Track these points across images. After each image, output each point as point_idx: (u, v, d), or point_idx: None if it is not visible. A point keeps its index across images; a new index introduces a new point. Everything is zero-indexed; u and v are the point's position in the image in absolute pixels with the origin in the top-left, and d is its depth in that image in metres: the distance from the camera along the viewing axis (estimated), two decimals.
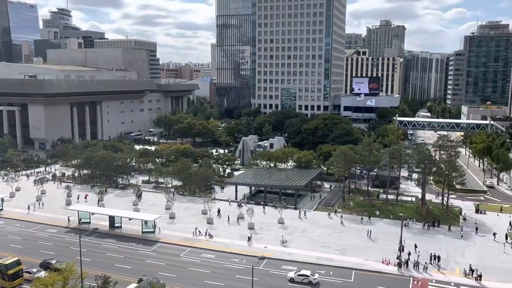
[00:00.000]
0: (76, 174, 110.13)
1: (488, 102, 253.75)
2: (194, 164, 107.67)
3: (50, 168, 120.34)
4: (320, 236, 69.80)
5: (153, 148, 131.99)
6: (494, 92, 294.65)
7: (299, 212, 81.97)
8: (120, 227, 73.88)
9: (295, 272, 54.28)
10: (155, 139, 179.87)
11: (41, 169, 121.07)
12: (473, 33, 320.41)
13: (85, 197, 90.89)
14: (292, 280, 53.49)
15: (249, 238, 67.34)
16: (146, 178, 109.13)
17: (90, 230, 71.33)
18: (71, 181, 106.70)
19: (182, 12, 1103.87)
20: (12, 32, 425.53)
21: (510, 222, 76.54)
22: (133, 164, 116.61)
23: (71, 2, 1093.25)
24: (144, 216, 74.41)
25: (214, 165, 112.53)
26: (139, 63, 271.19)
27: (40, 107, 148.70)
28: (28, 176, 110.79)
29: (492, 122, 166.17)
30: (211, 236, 69.32)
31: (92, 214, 76.61)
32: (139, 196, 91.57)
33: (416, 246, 63.52)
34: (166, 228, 73.48)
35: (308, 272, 53.74)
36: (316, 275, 53.72)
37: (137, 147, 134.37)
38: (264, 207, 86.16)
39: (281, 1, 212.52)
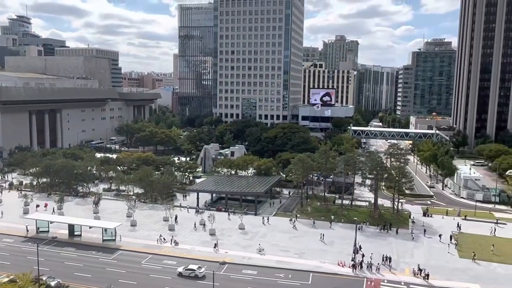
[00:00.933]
0: (35, 183, 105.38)
1: (433, 113, 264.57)
2: (156, 172, 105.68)
3: (7, 177, 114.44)
4: (279, 241, 69.90)
5: (114, 156, 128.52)
6: (439, 104, 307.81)
7: (263, 218, 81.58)
8: (80, 235, 71.07)
9: (184, 267, 56.28)
10: (117, 147, 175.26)
11: None
12: (420, 49, 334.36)
13: (45, 206, 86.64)
14: (180, 274, 55.55)
15: (215, 245, 66.29)
16: (107, 186, 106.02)
17: (48, 239, 68.45)
18: (29, 190, 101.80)
19: (145, 22, 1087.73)
20: None
21: (458, 224, 79.32)
22: (94, 172, 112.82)
23: (31, 10, 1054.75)
24: (104, 224, 71.97)
25: (176, 173, 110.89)
26: (100, 72, 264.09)
27: None
28: None
29: (437, 131, 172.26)
30: (176, 243, 67.82)
31: (51, 222, 73.20)
32: (96, 203, 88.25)
33: (360, 248, 64.17)
34: (127, 235, 71.34)
35: (195, 267, 56.02)
36: (203, 269, 55.65)
37: (98, 155, 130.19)
38: (229, 214, 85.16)
39: (242, 14, 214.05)
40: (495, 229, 77.17)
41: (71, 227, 71.67)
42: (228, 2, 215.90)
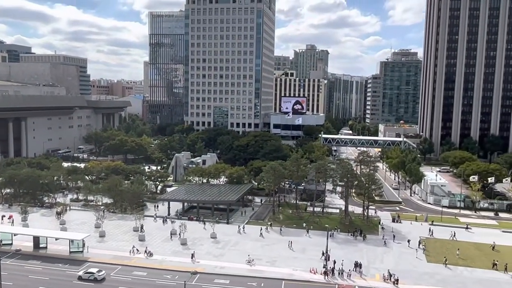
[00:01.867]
0: None
1: (401, 121, 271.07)
2: (126, 181, 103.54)
3: None
4: (251, 249, 69.30)
5: (82, 165, 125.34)
6: (406, 112, 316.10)
7: (238, 226, 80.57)
8: (46, 247, 68.38)
9: (84, 271, 57.38)
10: (85, 156, 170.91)
11: None
12: (387, 59, 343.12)
13: (9, 218, 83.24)
14: (80, 278, 56.26)
15: (192, 255, 64.94)
16: (75, 196, 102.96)
17: (12, 252, 65.60)
18: None
19: (115, 29, 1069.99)
20: None
21: (430, 229, 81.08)
22: (61, 182, 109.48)
23: None
24: (71, 235, 69.46)
25: (146, 182, 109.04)
26: (68, 79, 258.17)
27: None
28: None
29: (405, 139, 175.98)
30: (151, 254, 66.17)
31: (15, 235, 70.21)
32: (59, 214, 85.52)
33: (327, 255, 63.90)
34: (95, 247, 69.22)
35: (95, 270, 57.06)
36: (102, 272, 56.85)
37: (66, 164, 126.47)
38: (204, 223, 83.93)
39: (213, 22, 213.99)
40: (454, 233, 78.89)
41: (36, 239, 68.96)
42: (199, 10, 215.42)
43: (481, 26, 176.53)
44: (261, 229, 79.39)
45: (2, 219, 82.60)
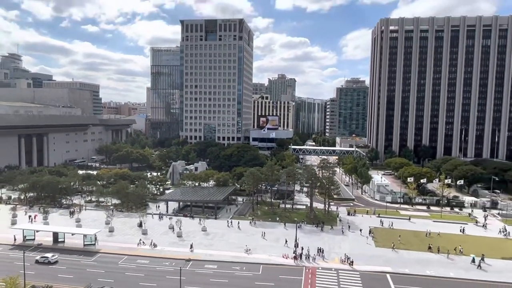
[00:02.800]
0: (22, 197, 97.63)
1: (353, 135, 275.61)
2: (131, 185, 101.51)
3: None
4: (235, 239, 68.97)
5: (95, 172, 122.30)
6: (357, 127, 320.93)
7: (227, 221, 79.35)
8: (63, 241, 66.42)
9: (40, 256, 57.20)
10: (97, 165, 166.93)
11: None
12: (342, 86, 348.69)
13: (34, 217, 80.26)
14: (37, 261, 56.08)
15: (191, 246, 63.56)
16: (89, 198, 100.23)
17: (34, 246, 63.31)
18: (17, 203, 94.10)
19: (123, 61, 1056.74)
20: None
21: (381, 220, 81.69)
22: (77, 186, 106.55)
23: (22, 49, 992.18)
24: (85, 231, 67.66)
25: (148, 186, 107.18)
26: (83, 102, 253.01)
27: None
28: None
29: (356, 149, 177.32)
30: (155, 246, 64.60)
31: (37, 231, 67.95)
32: (72, 213, 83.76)
33: (296, 240, 64.24)
34: (106, 240, 67.48)
35: (49, 255, 57.24)
36: (55, 256, 57.37)
37: (81, 172, 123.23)
38: (200, 219, 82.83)
39: (203, 56, 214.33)
40: (392, 223, 79.82)
41: (55, 235, 66.95)
42: (192, 46, 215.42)
43: (414, 61, 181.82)
44: (238, 223, 78.52)
45: (30, 218, 79.79)
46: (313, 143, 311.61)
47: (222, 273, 53.97)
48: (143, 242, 65.57)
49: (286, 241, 66.67)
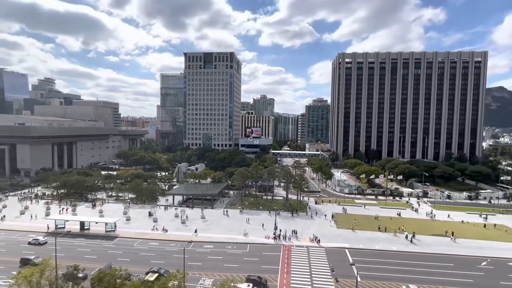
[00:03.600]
0: (55, 193, 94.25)
1: (319, 141, 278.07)
2: (144, 183, 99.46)
3: (34, 190, 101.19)
4: (228, 225, 68.40)
5: (115, 173, 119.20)
6: (321, 136, 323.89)
7: (223, 210, 78.02)
8: (89, 229, 64.41)
9: (32, 238, 56.03)
10: (117, 167, 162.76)
11: (25, 190, 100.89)
12: (310, 104, 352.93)
13: (66, 210, 77.62)
14: (29, 243, 55.02)
15: (196, 230, 62.39)
16: (110, 193, 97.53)
17: (64, 232, 61.13)
18: (50, 199, 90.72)
19: (138, 84, 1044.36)
20: (6, 92, 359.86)
21: (343, 208, 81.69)
22: (100, 184, 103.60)
23: (56, 74, 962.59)
24: (106, 219, 65.84)
25: (158, 183, 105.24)
26: (106, 116, 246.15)
27: (27, 146, 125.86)
28: (18, 196, 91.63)
29: (321, 152, 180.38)
30: (166, 231, 63.22)
31: (67, 221, 65.71)
32: (94, 205, 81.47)
33: (275, 224, 64.23)
34: (124, 227, 65.81)
35: (40, 238, 56.23)
36: (45, 239, 55.95)
37: (103, 172, 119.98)
38: (202, 210, 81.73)
39: (202, 80, 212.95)
40: (345, 210, 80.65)
41: (82, 224, 64.85)
42: (193, 73, 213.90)
43: (364, 85, 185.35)
44: (242, 212, 77.43)
45: (61, 210, 77.08)
46: (288, 148, 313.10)
47: (217, 252, 53.39)
48: (156, 228, 64.20)
49: (263, 225, 66.49)
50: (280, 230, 62.37)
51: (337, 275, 44.44)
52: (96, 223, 64.70)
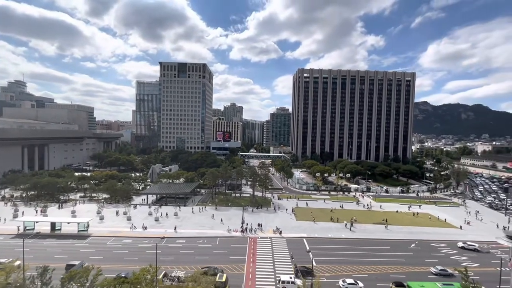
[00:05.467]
0: (24, 195, 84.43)
1: (281, 145, 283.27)
2: (119, 183, 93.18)
3: (1, 192, 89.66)
4: (199, 220, 66.53)
5: (89, 174, 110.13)
6: (284, 139, 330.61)
7: (199, 208, 75.11)
8: (60, 229, 58.53)
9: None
10: (91, 168, 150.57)
11: None
12: (274, 112, 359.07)
13: (41, 211, 69.75)
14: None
15: (175, 227, 59.53)
16: (83, 194, 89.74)
17: (33, 234, 55.00)
18: (19, 201, 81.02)
19: (114, 90, 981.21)
20: None
21: (306, 203, 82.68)
22: (73, 185, 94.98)
23: (28, 77, 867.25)
24: (79, 219, 60.27)
25: (133, 183, 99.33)
26: (80, 119, 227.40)
27: None
28: None
29: (283, 154, 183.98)
30: (145, 228, 59.48)
31: (36, 222, 59.06)
32: (61, 206, 74.28)
33: (242, 219, 64.46)
34: (97, 226, 60.85)
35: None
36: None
37: (77, 174, 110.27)
38: (178, 206, 78.65)
39: (176, 88, 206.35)
40: (307, 203, 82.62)
41: (52, 224, 58.74)
42: (168, 81, 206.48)
43: (319, 97, 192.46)
44: (216, 208, 75.86)
45: (37, 212, 69.14)
46: (255, 151, 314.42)
47: (189, 246, 51.72)
48: (135, 226, 60.22)
49: (221, 220, 65.80)
50: (247, 224, 62.22)
51: (296, 261, 45.44)
52: (68, 223, 59.05)
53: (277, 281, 36.93)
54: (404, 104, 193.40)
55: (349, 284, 37.88)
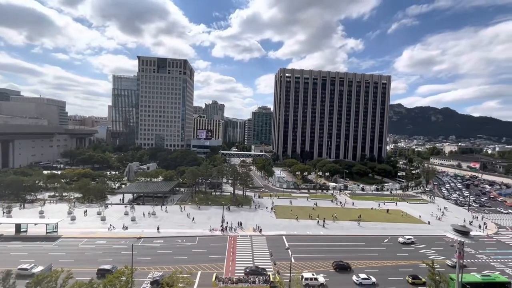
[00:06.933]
0: None
1: (263, 143, 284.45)
2: (93, 182, 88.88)
3: None
4: (178, 220, 65.22)
5: (59, 172, 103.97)
6: (265, 138, 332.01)
7: (180, 207, 73.32)
8: (26, 231, 54.77)
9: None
10: (62, 166, 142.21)
11: None
12: (256, 110, 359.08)
13: (1, 213, 64.59)
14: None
15: (158, 228, 57.42)
16: (53, 193, 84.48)
17: None
18: None
19: (89, 84, 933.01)
20: None
21: (290, 201, 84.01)
22: (41, 184, 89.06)
23: None
24: (47, 220, 56.61)
25: (108, 182, 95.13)
26: (50, 114, 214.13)
27: None
28: None
29: (264, 153, 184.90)
30: (126, 228, 56.93)
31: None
32: (22, 206, 69.85)
33: (222, 217, 64.32)
34: (68, 227, 57.60)
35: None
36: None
37: (46, 172, 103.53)
38: (154, 206, 76.06)
39: (155, 84, 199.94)
40: (290, 201, 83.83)
41: (17, 226, 54.76)
42: (147, 76, 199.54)
43: (300, 96, 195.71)
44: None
45: (4, 214, 63.88)
46: (236, 149, 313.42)
47: (167, 246, 50.55)
48: (114, 227, 57.54)
49: (192, 219, 65.12)
50: (227, 222, 61.93)
51: (275, 258, 45.96)
52: (35, 224, 55.38)
53: (300, 278, 37.98)
54: (380, 106, 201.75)
55: (362, 279, 40.06)
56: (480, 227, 68.22)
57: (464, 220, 73.28)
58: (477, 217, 77.05)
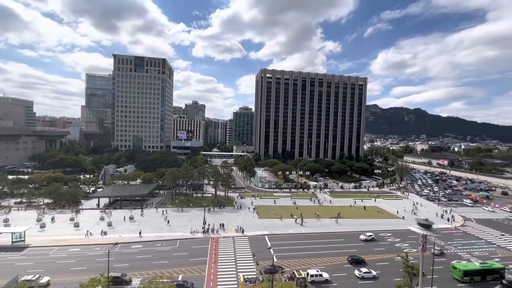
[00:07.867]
0: None
1: (244, 144, 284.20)
2: (65, 186, 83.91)
3: None
4: (157, 223, 63.31)
5: (27, 177, 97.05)
6: (247, 139, 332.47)
7: (162, 211, 70.87)
8: None
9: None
10: (29, 170, 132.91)
11: None
12: (237, 111, 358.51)
13: None
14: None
15: (140, 232, 54.98)
16: (19, 200, 78.73)
17: None
18: None
19: (60, 83, 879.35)
20: None
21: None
22: (6, 190, 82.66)
23: None
24: (13, 229, 52.54)
25: (81, 186, 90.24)
26: (15, 115, 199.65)
27: None
28: None
29: (246, 153, 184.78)
30: (105, 233, 54.09)
31: None
32: None
33: (204, 219, 63.47)
34: (37, 235, 53.91)
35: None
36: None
37: (11, 177, 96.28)
38: (131, 210, 73.03)
39: (132, 83, 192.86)
40: (275, 201, 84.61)
41: None
42: (123, 75, 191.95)
43: (281, 97, 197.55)
44: (180, 210, 72.48)
45: None
46: (217, 150, 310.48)
47: (146, 250, 48.88)
48: (91, 233, 54.38)
49: (167, 222, 63.85)
50: (209, 224, 61.12)
51: (258, 258, 46.01)
52: None
53: (306, 275, 39.06)
54: (357, 106, 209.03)
55: (364, 273, 41.76)
56: (448, 220, 72.73)
57: (437, 214, 77.76)
58: (446, 211, 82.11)
